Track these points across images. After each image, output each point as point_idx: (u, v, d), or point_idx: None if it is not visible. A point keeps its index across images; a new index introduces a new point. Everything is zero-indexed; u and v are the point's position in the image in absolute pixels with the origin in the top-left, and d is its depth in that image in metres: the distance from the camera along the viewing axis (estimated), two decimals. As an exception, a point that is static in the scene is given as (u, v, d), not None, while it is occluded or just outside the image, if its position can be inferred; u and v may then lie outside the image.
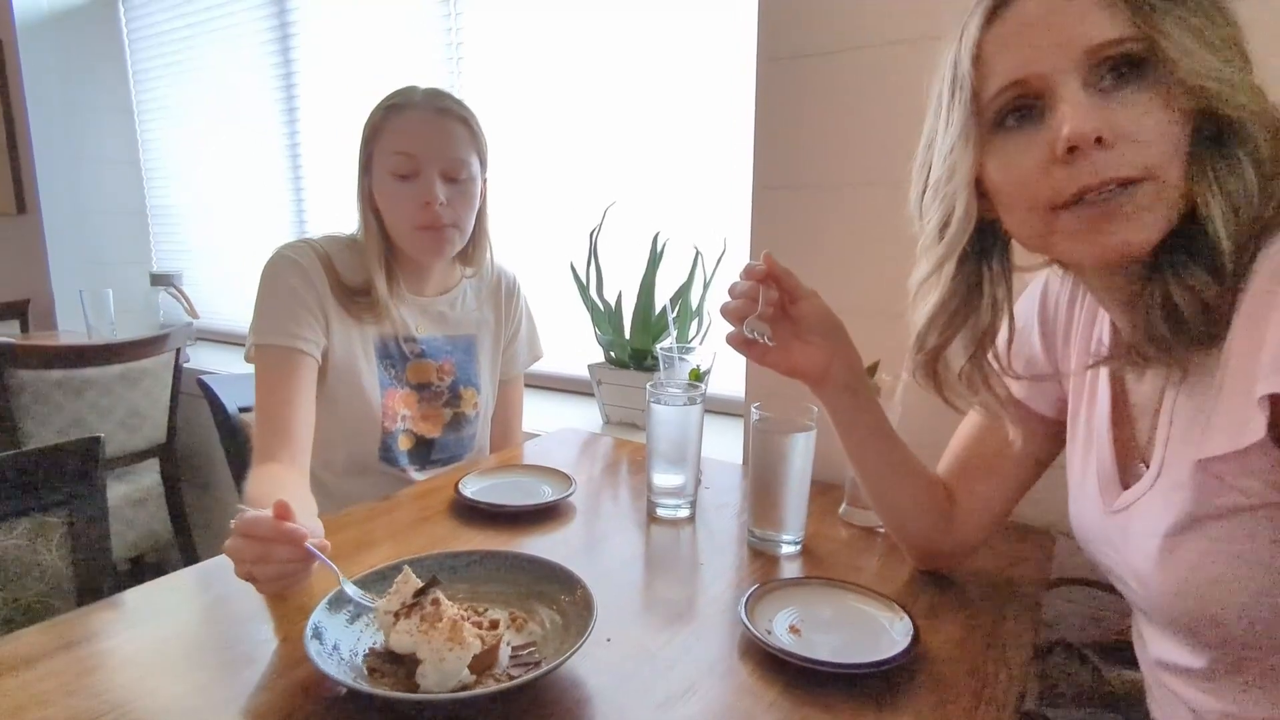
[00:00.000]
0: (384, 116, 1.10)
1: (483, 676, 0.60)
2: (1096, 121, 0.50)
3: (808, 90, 1.14)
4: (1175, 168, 0.51)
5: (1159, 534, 0.56)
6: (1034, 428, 0.76)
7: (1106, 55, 0.51)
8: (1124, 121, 0.50)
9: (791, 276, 0.75)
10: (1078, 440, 0.70)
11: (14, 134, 2.75)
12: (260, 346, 1.05)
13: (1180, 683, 0.61)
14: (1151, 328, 0.53)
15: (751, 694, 0.63)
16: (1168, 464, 0.57)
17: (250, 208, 2.63)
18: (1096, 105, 0.51)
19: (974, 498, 0.81)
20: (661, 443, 0.99)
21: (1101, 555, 0.67)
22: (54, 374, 1.86)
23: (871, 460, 0.80)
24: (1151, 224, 0.51)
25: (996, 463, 0.79)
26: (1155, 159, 0.50)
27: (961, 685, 0.65)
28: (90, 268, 2.87)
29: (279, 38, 2.38)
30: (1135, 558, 0.60)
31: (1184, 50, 0.49)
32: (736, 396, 1.50)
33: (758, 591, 0.76)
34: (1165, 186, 0.51)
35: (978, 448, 0.81)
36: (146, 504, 2.05)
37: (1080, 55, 0.51)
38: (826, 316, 0.77)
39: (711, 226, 1.58)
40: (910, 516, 0.82)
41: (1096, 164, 0.51)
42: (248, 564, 0.69)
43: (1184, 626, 0.58)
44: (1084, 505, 0.68)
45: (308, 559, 0.69)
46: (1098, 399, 0.67)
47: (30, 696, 0.60)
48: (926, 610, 0.77)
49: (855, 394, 0.77)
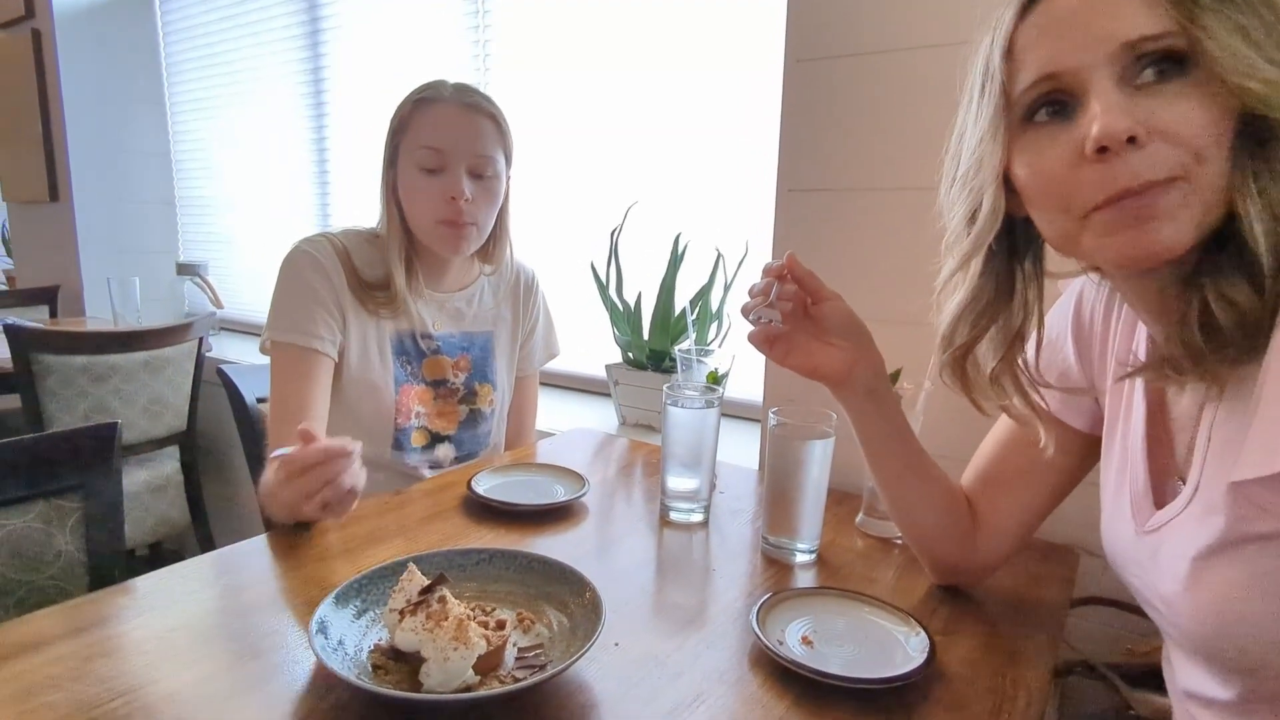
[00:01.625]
0: (413, 110, 1.10)
1: (487, 677, 0.59)
2: (1129, 120, 0.48)
3: (835, 93, 1.12)
4: (1212, 170, 0.48)
5: (1188, 557, 0.54)
6: (1066, 442, 0.74)
7: (1144, 51, 0.49)
8: (1160, 120, 0.48)
9: (814, 278, 0.74)
10: (1113, 456, 0.67)
11: (49, 124, 2.80)
12: (276, 343, 1.06)
13: (1209, 715, 0.59)
14: (1186, 339, 0.51)
15: (761, 705, 0.62)
16: (1204, 484, 0.54)
17: (276, 200, 2.66)
18: (1130, 102, 0.49)
19: (998, 513, 0.78)
20: (677, 445, 0.97)
21: (1131, 576, 0.64)
22: (79, 359, 1.88)
23: (891, 467, 0.78)
24: (1183, 227, 0.49)
25: (1024, 477, 0.77)
26: (1191, 160, 0.48)
27: (978, 705, 0.63)
28: (119, 256, 2.92)
29: (309, 33, 2.40)
30: (1163, 580, 0.58)
31: (1227, 48, 0.46)
32: (754, 400, 1.48)
33: (770, 600, 0.74)
34: (1200, 189, 0.48)
35: (1005, 460, 0.78)
36: (166, 491, 2.07)
37: (1116, 50, 0.49)
38: (849, 318, 0.75)
39: (734, 229, 1.56)
40: (930, 527, 0.79)
41: (1132, 164, 0.48)
42: (316, 496, 0.71)
43: (1211, 654, 0.55)
44: (1116, 524, 0.66)
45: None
46: (1134, 413, 0.65)
47: (39, 680, 0.61)
48: (943, 626, 0.75)
49: (878, 398, 0.75)
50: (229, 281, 2.84)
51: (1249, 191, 0.47)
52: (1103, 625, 0.97)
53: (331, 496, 0.73)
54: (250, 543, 0.89)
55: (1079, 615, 0.97)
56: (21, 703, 0.58)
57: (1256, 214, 0.47)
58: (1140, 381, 0.64)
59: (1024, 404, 0.66)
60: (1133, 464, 0.64)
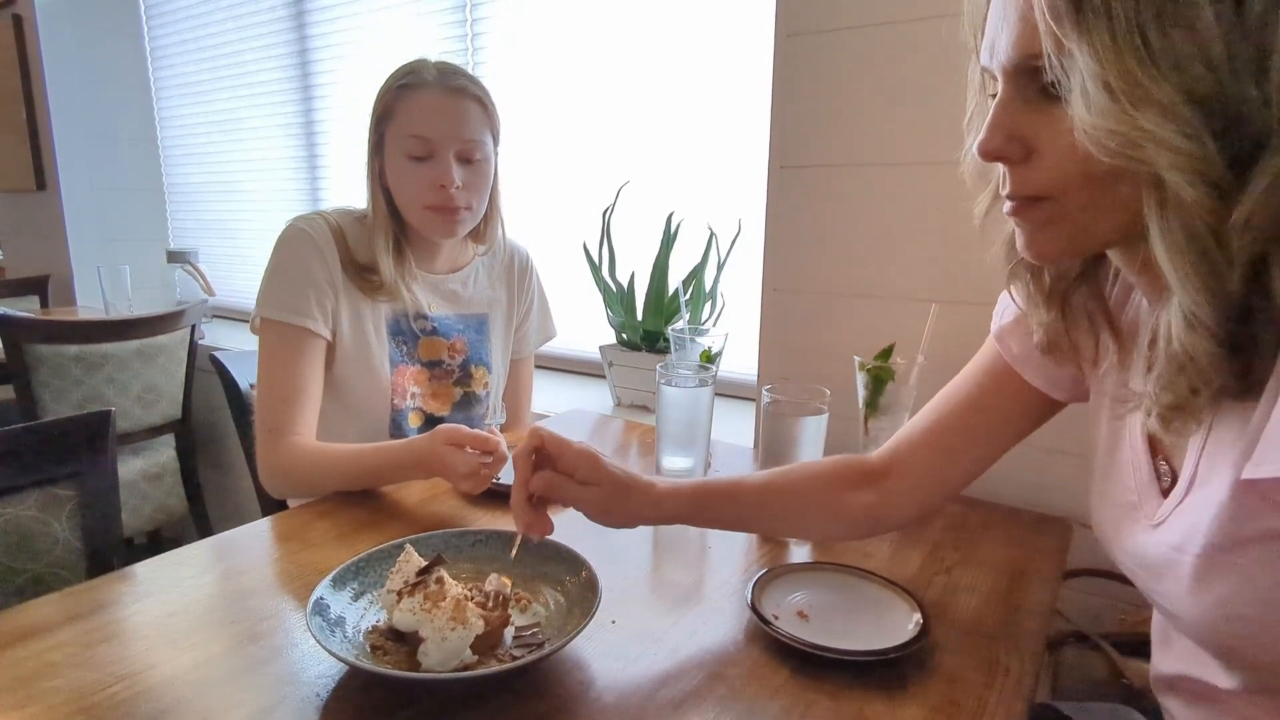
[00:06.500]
0: (396, 96, 1.08)
1: (485, 657, 0.60)
2: (1000, 138, 0.49)
3: (827, 67, 1.11)
4: (1081, 195, 0.48)
5: (1191, 553, 0.51)
6: (1034, 408, 0.72)
7: (1023, 69, 0.48)
8: (1036, 138, 0.49)
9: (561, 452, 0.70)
10: (1100, 431, 0.65)
11: (34, 111, 2.76)
12: (267, 321, 1.05)
13: (1205, 703, 0.58)
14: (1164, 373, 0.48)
15: (757, 679, 0.62)
16: (1204, 476, 0.51)
17: (266, 185, 2.63)
18: (1014, 116, 0.49)
19: (939, 468, 0.76)
20: (671, 425, 0.98)
21: (1136, 567, 0.60)
22: (72, 349, 1.88)
23: (756, 519, 0.79)
24: (1053, 241, 0.51)
25: (978, 435, 0.74)
26: (1053, 184, 0.49)
27: (972, 676, 0.64)
28: (108, 244, 2.90)
29: (294, 14, 2.36)
30: (1167, 575, 0.54)
31: (1081, 89, 0.43)
32: (748, 379, 1.49)
33: (766, 576, 0.75)
34: (1068, 210, 0.49)
35: (962, 418, 0.75)
36: (162, 479, 2.08)
37: (1004, 62, 0.49)
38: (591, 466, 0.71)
39: (726, 207, 1.56)
40: (821, 524, 0.80)
41: (1008, 172, 0.51)
42: (476, 471, 0.88)
43: (1218, 648, 0.53)
44: (1114, 511, 0.62)
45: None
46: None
47: (38, 667, 0.61)
48: (937, 599, 0.76)
49: (668, 511, 0.74)
50: (220, 269, 2.82)
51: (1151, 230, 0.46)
52: (1095, 596, 0.98)
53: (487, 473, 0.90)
54: (248, 527, 0.89)
55: (1072, 587, 0.98)
56: (22, 689, 0.58)
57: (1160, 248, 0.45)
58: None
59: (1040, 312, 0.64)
60: (1134, 452, 0.60)
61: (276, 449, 1.01)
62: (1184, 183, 0.42)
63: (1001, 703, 0.60)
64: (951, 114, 0.61)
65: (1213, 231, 0.43)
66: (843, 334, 1.15)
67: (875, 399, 0.95)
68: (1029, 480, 1.01)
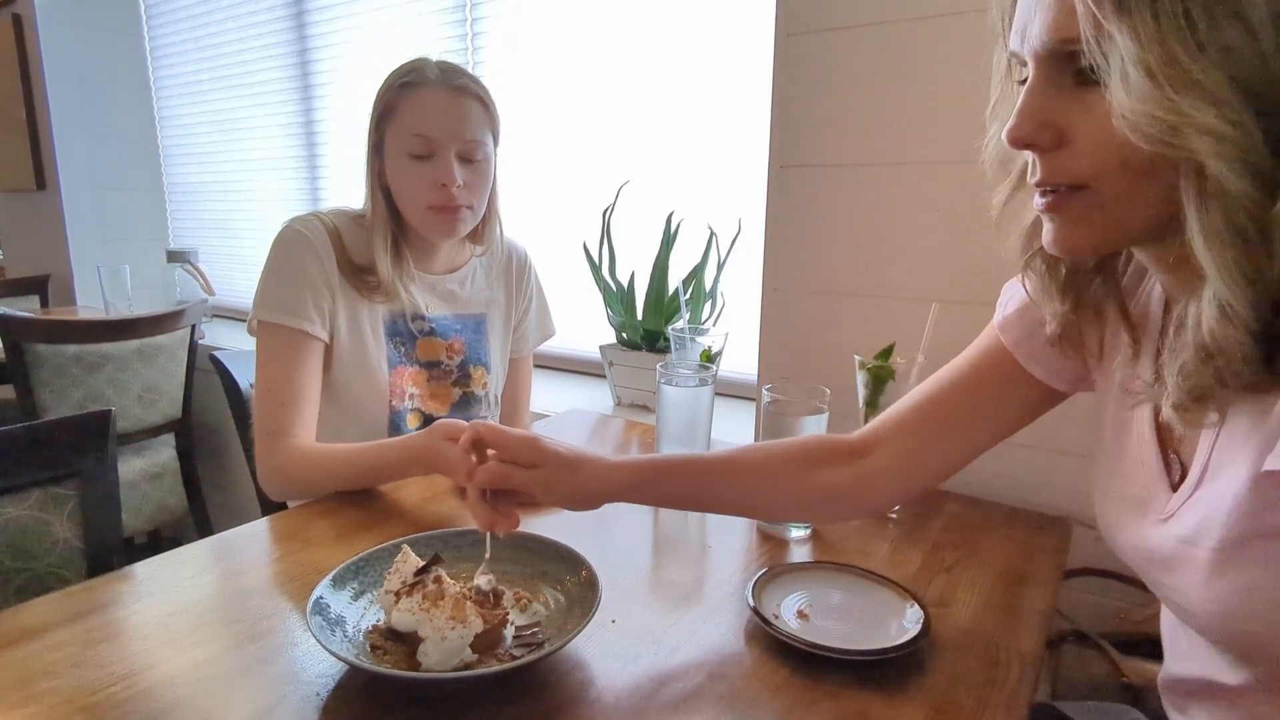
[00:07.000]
0: (398, 95, 1.08)
1: (485, 656, 0.60)
2: (1032, 125, 0.48)
3: (827, 66, 1.11)
4: (1119, 184, 0.47)
5: (1206, 546, 0.50)
6: (1034, 399, 0.71)
7: (1058, 53, 0.47)
8: (1070, 125, 0.47)
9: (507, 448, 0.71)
10: (1107, 425, 0.65)
11: (34, 111, 2.76)
12: (264, 323, 1.05)
13: (1210, 702, 0.57)
14: (1187, 363, 0.47)
15: (758, 679, 0.62)
16: (1217, 469, 0.50)
17: (266, 185, 2.63)
18: (1046, 102, 0.48)
19: (911, 450, 0.73)
20: (671, 424, 0.98)
21: (1143, 561, 0.60)
22: (72, 348, 1.88)
23: (711, 492, 0.76)
24: (1086, 237, 0.50)
25: (969, 419, 0.72)
26: (1088, 171, 0.47)
27: (972, 675, 0.64)
28: (108, 244, 2.90)
29: (295, 13, 2.36)
30: (1175, 567, 0.54)
31: (1121, 73, 0.42)
32: (748, 379, 1.48)
33: (766, 575, 0.75)
34: (1104, 201, 0.48)
35: (953, 402, 0.73)
36: (162, 479, 2.07)
37: (1037, 47, 0.48)
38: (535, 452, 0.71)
39: (727, 207, 1.56)
40: (788, 501, 0.76)
41: (1039, 160, 0.50)
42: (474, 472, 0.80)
43: (1229, 643, 0.53)
44: (1120, 506, 0.62)
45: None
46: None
47: (38, 667, 0.61)
48: (938, 598, 0.76)
49: (622, 477, 0.73)
50: (220, 268, 2.82)
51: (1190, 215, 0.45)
52: (1095, 596, 0.98)
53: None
54: (248, 527, 0.89)
55: (1072, 586, 0.98)
56: (22, 689, 0.58)
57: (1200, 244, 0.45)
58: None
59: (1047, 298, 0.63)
60: (1142, 445, 0.59)
61: (275, 452, 1.01)
62: (1227, 171, 0.41)
63: (1001, 702, 0.60)
64: (952, 113, 0.62)
65: (1255, 222, 0.41)
66: (843, 334, 1.15)
67: (875, 398, 0.95)
68: (1029, 480, 1.01)
